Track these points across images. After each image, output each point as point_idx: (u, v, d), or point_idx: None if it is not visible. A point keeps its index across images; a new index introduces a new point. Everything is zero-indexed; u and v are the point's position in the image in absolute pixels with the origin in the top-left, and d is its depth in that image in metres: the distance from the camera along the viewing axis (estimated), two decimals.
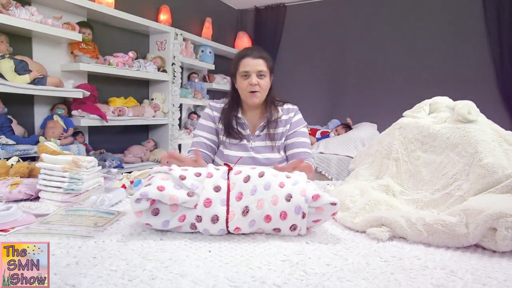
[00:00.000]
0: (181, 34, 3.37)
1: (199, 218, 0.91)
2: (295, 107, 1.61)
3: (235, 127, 1.53)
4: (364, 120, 3.80)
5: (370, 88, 4.01)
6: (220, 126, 1.55)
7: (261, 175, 0.97)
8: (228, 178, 0.97)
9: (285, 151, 1.57)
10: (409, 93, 3.37)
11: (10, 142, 2.06)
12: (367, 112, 3.92)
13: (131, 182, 1.39)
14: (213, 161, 1.57)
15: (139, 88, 3.29)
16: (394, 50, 3.86)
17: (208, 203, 0.91)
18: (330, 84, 4.28)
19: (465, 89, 3.42)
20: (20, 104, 2.35)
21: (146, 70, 3.01)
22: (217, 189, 0.94)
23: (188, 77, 3.87)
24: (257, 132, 1.55)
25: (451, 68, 3.59)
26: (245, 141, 1.54)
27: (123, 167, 2.71)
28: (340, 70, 4.20)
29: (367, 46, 4.02)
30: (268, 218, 0.91)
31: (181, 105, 3.57)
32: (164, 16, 3.39)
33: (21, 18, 2.10)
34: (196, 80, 3.85)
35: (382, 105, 3.87)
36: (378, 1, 3.94)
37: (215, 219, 0.90)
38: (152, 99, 3.27)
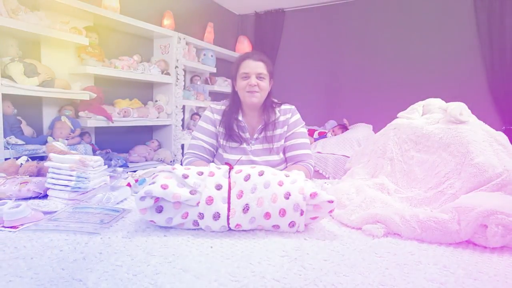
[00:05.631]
0: (184, 38, 3.41)
1: (201, 215, 0.93)
2: (292, 107, 1.61)
3: (236, 130, 1.54)
4: (360, 121, 3.82)
5: (365, 90, 4.04)
6: (221, 129, 1.55)
7: (261, 173, 0.99)
8: (229, 177, 0.99)
9: (284, 153, 1.57)
10: (403, 95, 3.39)
11: (20, 142, 2.08)
12: (362, 113, 3.95)
13: (136, 181, 1.41)
14: None
15: (144, 90, 3.32)
16: (389, 53, 3.89)
17: (210, 200, 0.93)
18: (327, 86, 4.31)
19: (457, 91, 3.44)
20: (29, 105, 2.38)
21: (150, 73, 3.04)
22: (218, 187, 0.96)
23: (191, 80, 3.91)
24: (255, 135, 1.55)
25: (444, 70, 3.61)
26: (244, 145, 1.54)
27: (128, 166, 2.73)
28: (336, 73, 4.22)
29: (362, 50, 4.04)
30: (267, 215, 0.93)
31: (183, 107, 3.60)
32: (167, 21, 3.42)
33: (30, 23, 2.13)
34: (198, 83, 3.89)
35: (377, 106, 3.89)
36: (373, 7, 3.97)
37: (216, 216, 0.93)
38: (156, 101, 3.30)
